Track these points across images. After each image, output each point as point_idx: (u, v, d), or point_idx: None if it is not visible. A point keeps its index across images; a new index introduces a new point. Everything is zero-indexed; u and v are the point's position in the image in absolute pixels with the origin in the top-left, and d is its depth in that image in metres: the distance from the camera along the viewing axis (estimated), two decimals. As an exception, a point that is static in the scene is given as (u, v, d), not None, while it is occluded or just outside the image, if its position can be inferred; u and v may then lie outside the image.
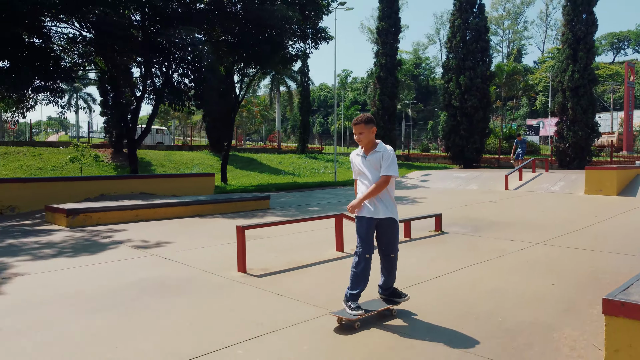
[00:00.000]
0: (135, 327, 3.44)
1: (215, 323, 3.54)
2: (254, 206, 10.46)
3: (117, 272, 5.03)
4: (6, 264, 5.36)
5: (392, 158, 3.56)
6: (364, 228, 3.57)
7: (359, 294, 3.55)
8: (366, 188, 3.57)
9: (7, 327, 3.47)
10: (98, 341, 3.19)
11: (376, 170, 3.57)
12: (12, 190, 9.56)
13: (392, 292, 3.80)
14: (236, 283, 4.64)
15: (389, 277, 3.76)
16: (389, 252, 3.70)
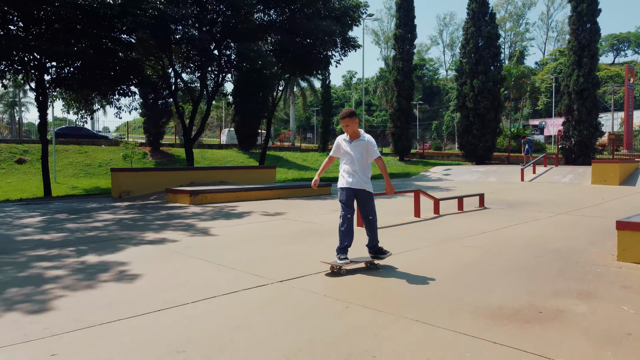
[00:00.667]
0: (314, 249, 5.62)
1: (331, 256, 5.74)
2: (319, 191, 12.65)
3: (277, 227, 7.22)
4: (188, 224, 7.54)
5: (375, 144, 4.71)
6: (345, 196, 4.60)
7: (346, 248, 4.55)
8: (349, 166, 4.60)
9: (230, 253, 5.67)
10: (294, 254, 5.38)
11: (360, 153, 4.57)
12: (128, 178, 11.77)
13: (376, 250, 4.80)
14: (355, 232, 6.82)
15: (372, 236, 4.76)
16: (366, 215, 4.71)
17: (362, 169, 4.58)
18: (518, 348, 2.75)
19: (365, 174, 4.63)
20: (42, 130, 15.27)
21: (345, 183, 4.61)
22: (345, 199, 4.61)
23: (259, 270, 4.56)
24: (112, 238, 6.23)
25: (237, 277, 4.31)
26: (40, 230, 6.89)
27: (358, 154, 4.58)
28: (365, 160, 4.61)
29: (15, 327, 3.05)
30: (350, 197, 4.62)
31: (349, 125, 4.60)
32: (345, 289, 4.04)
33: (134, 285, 4.07)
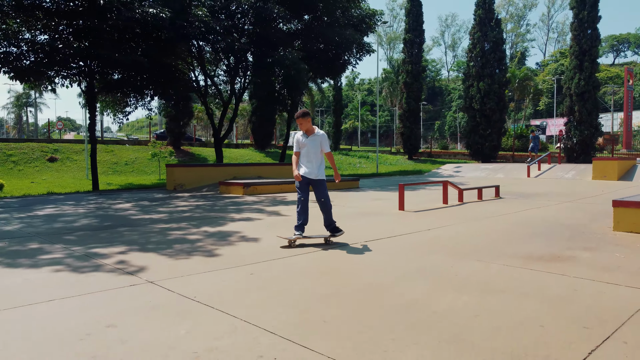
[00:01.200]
0: (373, 222, 7.12)
1: (392, 228, 7.25)
2: (349, 185, 14.16)
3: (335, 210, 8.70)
4: (258, 209, 9.05)
5: (327, 138, 5.57)
6: (302, 183, 5.46)
7: (301, 225, 5.45)
8: (305, 158, 5.43)
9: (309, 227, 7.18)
10: (361, 226, 6.89)
11: (315, 147, 5.39)
12: (182, 173, 13.29)
13: (332, 228, 5.65)
14: (401, 214, 8.33)
15: (326, 216, 5.64)
16: (319, 198, 5.56)
17: (316, 160, 5.40)
18: (545, 271, 4.26)
19: (318, 164, 5.44)
20: (91, 130, 16.78)
21: (303, 172, 5.45)
22: (300, 186, 5.48)
23: (351, 234, 6.07)
24: (208, 217, 7.74)
25: (337, 239, 5.83)
26: (141, 212, 8.41)
27: (313, 147, 5.42)
28: (320, 152, 5.45)
29: (204, 263, 4.56)
30: (305, 184, 5.50)
31: (302, 123, 5.43)
32: (426, 244, 5.53)
33: (260, 243, 5.58)
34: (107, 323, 2.93)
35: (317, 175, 5.46)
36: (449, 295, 3.55)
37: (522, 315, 3.10)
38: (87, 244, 5.43)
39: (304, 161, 5.48)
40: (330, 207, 5.64)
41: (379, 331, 2.83)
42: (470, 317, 3.06)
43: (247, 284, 3.86)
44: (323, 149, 5.48)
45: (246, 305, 3.28)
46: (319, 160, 5.47)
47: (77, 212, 8.37)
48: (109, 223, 7.07)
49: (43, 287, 3.74)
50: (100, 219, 7.55)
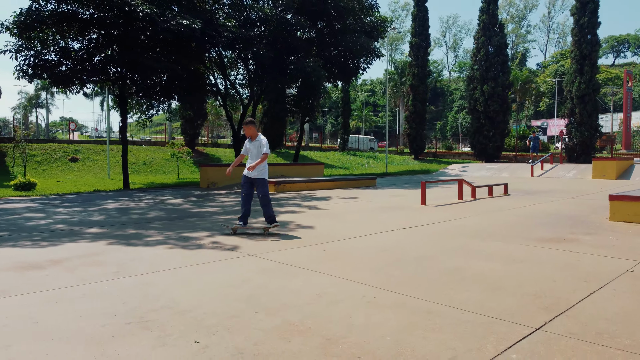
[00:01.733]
0: (399, 215, 8.27)
1: (419, 218, 8.40)
2: (367, 183, 15.32)
3: (361, 205, 9.87)
4: (295, 204, 10.20)
5: (267, 143, 6.45)
6: (245, 181, 6.49)
7: (243, 217, 6.48)
8: (249, 160, 6.39)
9: (348, 217, 8.33)
10: (389, 218, 8.04)
11: (256, 150, 6.34)
12: (214, 172, 14.45)
13: (270, 220, 6.47)
14: (424, 207, 9.48)
15: (265, 210, 6.47)
16: (259, 194, 6.49)
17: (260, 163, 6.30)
18: (555, 249, 5.41)
19: (263, 166, 6.38)
20: (123, 131, 17.93)
21: (245, 172, 6.44)
22: (243, 183, 6.51)
23: (389, 223, 7.21)
24: (257, 210, 8.87)
25: (373, 227, 6.97)
26: (195, 206, 9.57)
27: (255, 150, 6.37)
28: (260, 154, 6.30)
29: (282, 243, 5.71)
30: (247, 182, 6.46)
31: (246, 130, 6.45)
32: (453, 231, 6.66)
33: (315, 230, 6.73)
34: (242, 279, 4.08)
35: (256, 175, 6.41)
36: (481, 263, 4.71)
37: (539, 275, 4.25)
38: (175, 230, 6.58)
39: (249, 163, 6.45)
40: (269, 201, 6.55)
41: (438, 284, 3.98)
42: (501, 277, 4.22)
43: (326, 256, 5.01)
44: (262, 151, 6.34)
45: (335, 269, 4.43)
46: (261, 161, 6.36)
47: (140, 206, 9.52)
48: (176, 215, 8.22)
49: (170, 259, 4.88)
50: (165, 211, 8.70)
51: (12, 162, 25.48)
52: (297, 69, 16.39)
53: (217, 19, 16.71)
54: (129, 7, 13.94)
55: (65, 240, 5.76)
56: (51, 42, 16.13)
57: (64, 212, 8.61)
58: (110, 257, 4.87)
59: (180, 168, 28.88)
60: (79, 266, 4.47)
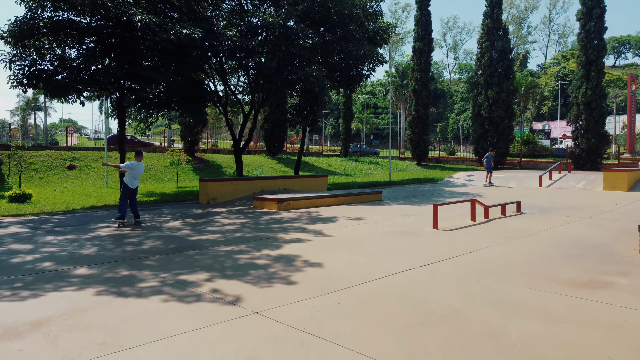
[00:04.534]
0: (416, 242, 7.74)
1: (435, 248, 7.86)
2: (373, 198, 14.78)
3: (371, 228, 9.33)
4: (300, 227, 9.65)
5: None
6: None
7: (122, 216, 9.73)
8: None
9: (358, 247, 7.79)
10: (405, 247, 7.50)
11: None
12: (214, 187, 13.90)
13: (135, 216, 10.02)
14: (437, 232, 8.93)
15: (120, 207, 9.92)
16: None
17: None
18: (593, 300, 4.87)
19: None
20: (120, 141, 17.37)
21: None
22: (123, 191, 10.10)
23: (404, 258, 6.66)
24: (260, 238, 8.34)
25: (387, 263, 6.43)
26: (194, 231, 9.02)
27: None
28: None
29: (288, 291, 5.16)
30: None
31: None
32: (476, 268, 6.12)
33: (325, 269, 6.19)
34: (247, 355, 3.53)
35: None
36: (519, 322, 4.16)
37: (589, 346, 3.71)
38: (171, 270, 6.03)
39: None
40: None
41: (479, 358, 3.44)
42: (548, 348, 3.67)
43: (340, 312, 4.46)
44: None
45: (352, 335, 3.88)
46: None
47: (136, 232, 8.97)
48: (174, 245, 7.67)
49: (165, 319, 4.34)
50: (162, 240, 8.15)
51: (8, 171, 24.91)
52: (300, 78, 15.85)
53: (218, 27, 16.18)
54: (126, 17, 13.40)
55: (50, 289, 5.21)
56: (47, 51, 15.60)
57: (53, 242, 8.06)
58: (99, 316, 4.32)
59: (180, 175, 28.34)
60: (62, 333, 3.92)
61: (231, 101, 22.56)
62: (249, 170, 30.65)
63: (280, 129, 33.08)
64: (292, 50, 16.41)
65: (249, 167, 31.48)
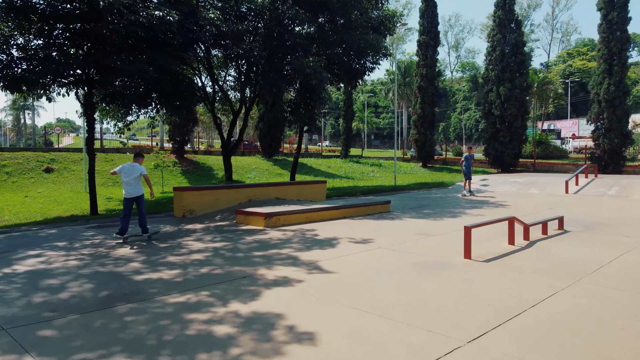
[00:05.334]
0: (448, 286, 5.50)
1: (478, 296, 5.60)
2: (379, 210, 12.53)
3: (382, 258, 7.08)
4: (289, 256, 7.41)
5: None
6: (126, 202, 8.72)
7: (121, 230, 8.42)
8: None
9: (371, 295, 5.53)
10: (438, 295, 5.25)
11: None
12: (191, 198, 11.62)
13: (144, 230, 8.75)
14: (471, 265, 6.68)
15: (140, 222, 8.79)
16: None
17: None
18: None
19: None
20: (89, 143, 15.08)
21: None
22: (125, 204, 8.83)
23: (438, 322, 4.42)
24: (232, 276, 6.09)
25: (415, 330, 4.18)
26: (147, 265, 6.75)
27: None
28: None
29: None
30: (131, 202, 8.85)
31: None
32: (553, 340, 3.89)
33: (320, 350, 3.93)
34: None
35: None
36: None
37: None
38: (70, 354, 3.77)
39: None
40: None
41: None
42: None
43: None
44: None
45: None
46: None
47: (67, 265, 6.70)
48: (107, 292, 5.40)
49: None
50: (95, 281, 5.89)
51: (-24, 174, 22.66)
52: (295, 70, 13.61)
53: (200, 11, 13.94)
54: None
55: None
56: (4, 40, 13.35)
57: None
58: None
59: (167, 178, 26.10)
60: None
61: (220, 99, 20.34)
62: (241, 173, 28.40)
63: (276, 128, 30.82)
64: (286, 39, 14.18)
65: (242, 169, 29.22)
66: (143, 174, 8.67)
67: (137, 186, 8.64)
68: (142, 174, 8.66)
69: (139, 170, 8.69)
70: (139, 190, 8.70)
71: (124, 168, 8.65)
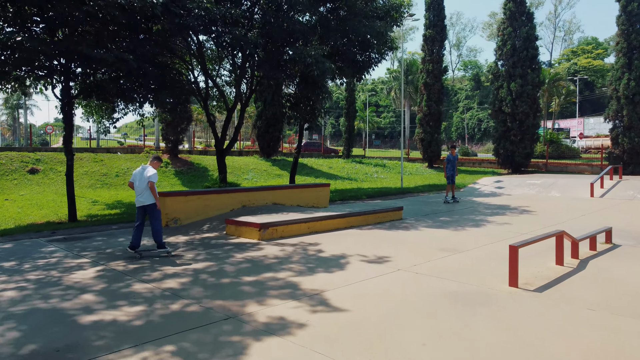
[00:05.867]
0: (476, 345, 4.00)
1: (549, 347, 4.10)
2: (391, 217, 11.03)
3: (402, 286, 5.58)
4: (288, 283, 5.91)
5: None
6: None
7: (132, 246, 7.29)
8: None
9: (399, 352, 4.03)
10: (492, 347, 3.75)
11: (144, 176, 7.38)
12: (176, 204, 10.10)
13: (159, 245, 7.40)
14: (520, 295, 5.19)
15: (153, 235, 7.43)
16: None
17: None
18: None
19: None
20: (67, 142, 13.56)
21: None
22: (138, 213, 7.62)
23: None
24: (210, 319, 4.57)
25: None
26: (105, 296, 5.23)
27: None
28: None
29: None
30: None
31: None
32: None
33: None
34: None
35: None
36: None
37: None
38: None
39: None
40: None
41: None
42: None
43: None
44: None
45: None
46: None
47: (2, 298, 5.18)
48: (33, 347, 3.88)
49: None
50: (26, 326, 4.37)
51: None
52: (295, 60, 12.10)
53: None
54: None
55: None
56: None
57: None
58: None
59: (160, 179, 24.57)
60: None
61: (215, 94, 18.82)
62: (238, 174, 26.90)
63: (275, 127, 29.28)
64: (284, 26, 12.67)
65: (239, 170, 27.73)
66: (150, 180, 7.33)
67: (145, 193, 7.34)
68: (149, 180, 7.34)
69: (151, 174, 7.41)
70: (149, 198, 7.36)
71: (135, 174, 7.50)
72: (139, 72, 11.73)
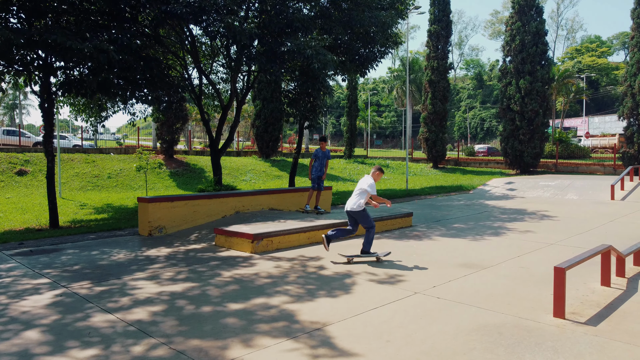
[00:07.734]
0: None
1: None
2: (400, 224, 9.98)
3: (423, 317, 4.52)
4: (283, 314, 4.86)
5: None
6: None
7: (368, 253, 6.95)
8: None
9: None
10: None
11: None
12: (161, 211, 9.04)
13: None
14: (573, 332, 4.14)
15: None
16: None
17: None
18: None
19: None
20: (47, 142, 12.50)
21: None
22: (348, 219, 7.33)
23: None
24: (181, 367, 3.53)
25: None
26: (52, 338, 4.18)
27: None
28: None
29: None
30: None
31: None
32: None
33: None
34: None
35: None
36: None
37: None
38: None
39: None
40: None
41: None
42: None
43: None
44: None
45: None
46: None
47: None
48: None
49: None
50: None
51: None
52: (294, 52, 11.05)
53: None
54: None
55: None
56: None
57: None
58: None
59: (154, 181, 23.61)
60: None
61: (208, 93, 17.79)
62: (236, 176, 25.88)
63: (274, 126, 28.24)
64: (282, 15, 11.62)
65: (236, 171, 26.71)
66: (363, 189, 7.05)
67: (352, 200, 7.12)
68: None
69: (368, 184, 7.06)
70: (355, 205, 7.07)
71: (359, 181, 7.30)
72: (122, 65, 10.68)
